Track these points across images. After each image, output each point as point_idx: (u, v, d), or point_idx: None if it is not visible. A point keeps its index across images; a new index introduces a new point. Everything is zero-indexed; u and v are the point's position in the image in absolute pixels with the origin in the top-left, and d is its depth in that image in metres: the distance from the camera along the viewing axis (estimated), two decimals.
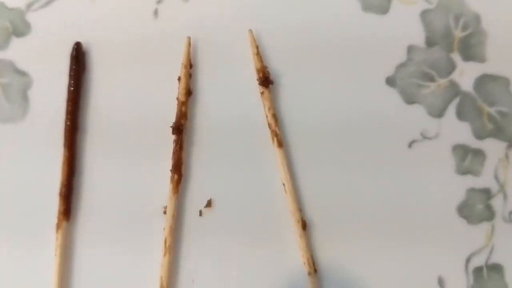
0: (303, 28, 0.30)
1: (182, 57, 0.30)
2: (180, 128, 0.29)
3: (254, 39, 0.30)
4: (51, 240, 0.28)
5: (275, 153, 0.29)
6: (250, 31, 0.30)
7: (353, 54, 0.30)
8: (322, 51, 0.30)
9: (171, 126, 0.29)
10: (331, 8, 0.30)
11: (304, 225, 0.29)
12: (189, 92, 0.29)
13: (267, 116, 0.29)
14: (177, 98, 0.29)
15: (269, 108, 0.29)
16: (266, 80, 0.29)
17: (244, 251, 0.29)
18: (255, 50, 0.29)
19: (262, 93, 0.29)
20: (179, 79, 0.29)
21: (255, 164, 0.29)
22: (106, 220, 0.29)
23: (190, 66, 0.30)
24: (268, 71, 0.29)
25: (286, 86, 0.30)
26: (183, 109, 0.29)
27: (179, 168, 0.29)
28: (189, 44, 0.30)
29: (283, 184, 0.29)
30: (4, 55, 0.30)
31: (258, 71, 0.29)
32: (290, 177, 0.29)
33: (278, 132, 0.29)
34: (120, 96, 0.30)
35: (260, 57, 0.29)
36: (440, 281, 0.29)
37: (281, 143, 0.29)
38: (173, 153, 0.29)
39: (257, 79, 0.29)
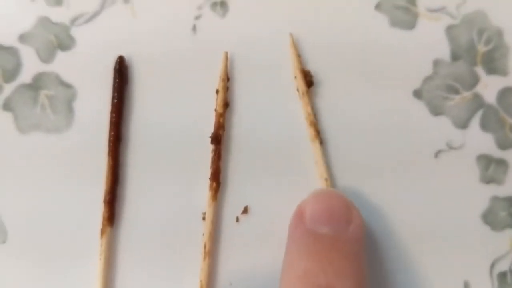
0: (334, 42, 0.31)
1: (220, 70, 0.31)
2: (219, 138, 0.30)
3: (294, 42, 0.31)
4: (96, 245, 0.30)
5: (315, 151, 0.30)
6: (291, 35, 0.31)
7: (382, 68, 0.31)
8: (352, 64, 0.31)
9: (210, 137, 0.30)
10: (361, 23, 0.32)
11: None
12: (226, 104, 0.31)
13: (310, 116, 0.30)
14: (215, 110, 0.30)
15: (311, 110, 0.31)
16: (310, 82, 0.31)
17: (279, 255, 0.29)
18: (296, 53, 0.31)
19: (303, 94, 0.31)
20: (217, 91, 0.31)
21: (290, 172, 0.31)
22: (148, 226, 0.30)
23: (227, 80, 0.31)
24: (311, 74, 0.31)
25: (316, 97, 0.31)
26: (221, 120, 0.30)
27: (217, 177, 0.30)
28: (226, 58, 0.31)
29: (325, 180, 0.30)
30: (50, 68, 0.31)
31: (302, 72, 0.31)
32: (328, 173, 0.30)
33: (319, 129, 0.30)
34: (161, 107, 0.31)
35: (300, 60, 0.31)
36: (466, 286, 0.30)
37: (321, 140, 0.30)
38: (212, 162, 0.30)
39: (298, 83, 0.31)
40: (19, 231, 0.30)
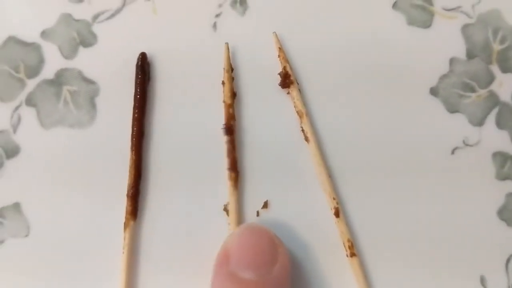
0: (353, 41, 0.32)
1: (224, 62, 0.31)
2: (231, 129, 0.30)
3: (278, 40, 0.31)
4: (119, 239, 0.30)
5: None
6: (274, 33, 0.32)
7: (399, 66, 0.32)
8: (369, 62, 0.32)
9: (222, 128, 0.30)
10: (379, 22, 0.32)
11: (338, 212, 0.30)
12: (234, 94, 0.31)
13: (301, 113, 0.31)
14: (224, 102, 0.31)
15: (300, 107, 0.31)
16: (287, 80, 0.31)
17: (299, 249, 0.30)
18: (280, 53, 0.31)
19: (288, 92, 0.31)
20: (223, 83, 0.31)
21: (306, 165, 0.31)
22: (171, 220, 0.31)
23: (231, 70, 0.31)
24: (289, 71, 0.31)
25: (332, 96, 0.32)
26: (231, 110, 0.31)
27: (235, 166, 0.30)
28: (228, 49, 0.31)
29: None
30: (72, 64, 0.32)
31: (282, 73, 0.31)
32: (325, 171, 0.31)
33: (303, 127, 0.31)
34: (183, 103, 0.31)
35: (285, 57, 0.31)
36: (482, 281, 0.30)
37: (307, 138, 0.31)
38: (228, 153, 0.30)
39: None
40: (41, 224, 0.31)
